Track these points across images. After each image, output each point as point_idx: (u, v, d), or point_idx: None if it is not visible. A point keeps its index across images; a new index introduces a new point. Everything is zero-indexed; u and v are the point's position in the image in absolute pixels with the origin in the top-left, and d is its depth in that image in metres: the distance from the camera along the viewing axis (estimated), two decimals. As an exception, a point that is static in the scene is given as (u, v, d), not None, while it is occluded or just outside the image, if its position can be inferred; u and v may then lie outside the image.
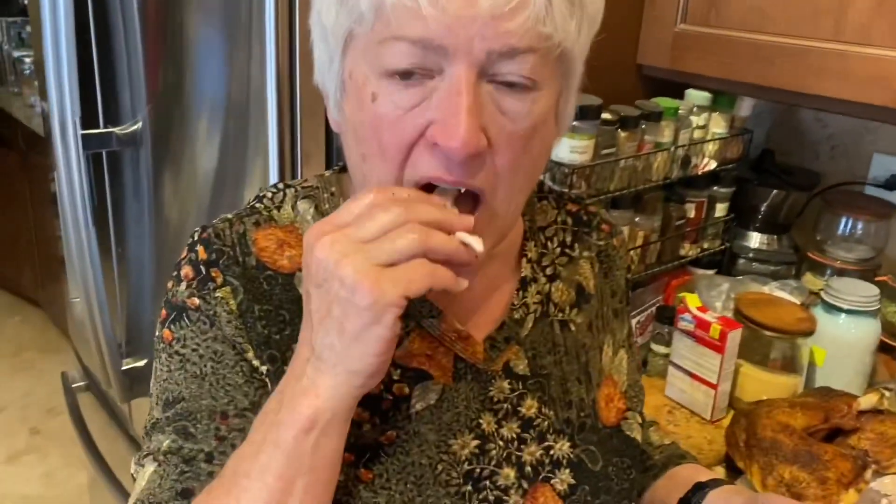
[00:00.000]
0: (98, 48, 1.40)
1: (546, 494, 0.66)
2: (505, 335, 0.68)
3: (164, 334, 0.62)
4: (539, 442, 0.67)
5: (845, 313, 1.22)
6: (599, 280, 0.77)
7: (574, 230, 0.76)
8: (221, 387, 0.60)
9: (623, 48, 1.34)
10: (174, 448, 0.60)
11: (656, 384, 1.27)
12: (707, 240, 1.42)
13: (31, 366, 3.29)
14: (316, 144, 1.03)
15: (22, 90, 3.10)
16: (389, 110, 0.53)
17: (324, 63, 0.60)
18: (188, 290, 0.61)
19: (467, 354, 0.65)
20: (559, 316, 0.72)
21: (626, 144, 1.17)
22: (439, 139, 0.52)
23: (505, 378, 0.67)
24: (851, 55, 1.09)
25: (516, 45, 0.51)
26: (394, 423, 0.62)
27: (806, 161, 1.54)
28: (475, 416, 0.65)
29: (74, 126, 1.27)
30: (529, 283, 0.71)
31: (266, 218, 0.65)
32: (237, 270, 0.61)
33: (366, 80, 0.54)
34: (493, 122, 0.53)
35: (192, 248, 0.63)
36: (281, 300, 0.62)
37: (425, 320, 0.64)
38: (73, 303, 1.80)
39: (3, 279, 3.80)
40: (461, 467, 0.63)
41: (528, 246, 0.72)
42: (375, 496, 0.60)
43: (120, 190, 1.47)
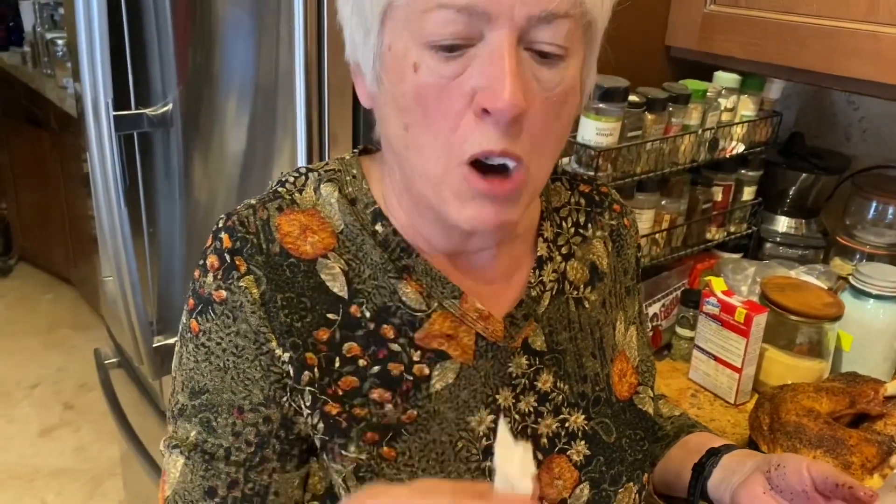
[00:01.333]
0: (130, 31, 1.42)
1: (562, 465, 0.68)
2: (523, 312, 0.69)
3: (192, 325, 0.63)
4: (555, 415, 0.69)
5: (874, 298, 1.21)
6: (612, 258, 0.78)
7: (587, 210, 0.78)
8: (241, 381, 0.62)
9: (652, 30, 1.33)
10: (199, 441, 0.63)
11: (680, 368, 1.27)
12: (734, 223, 1.41)
13: (64, 342, 3.37)
14: (343, 125, 1.03)
15: (55, 72, 3.14)
16: (433, 80, 0.55)
17: (357, 38, 0.60)
18: (215, 283, 0.62)
19: (488, 333, 0.67)
20: (574, 294, 0.73)
21: (653, 127, 1.16)
22: (487, 103, 0.53)
23: (523, 354, 0.69)
24: (884, 36, 1.08)
25: (554, 10, 0.53)
26: (414, 402, 0.64)
27: (836, 144, 1.52)
28: (491, 392, 0.67)
29: (107, 107, 1.30)
30: (546, 261, 0.72)
31: (289, 202, 0.65)
32: (260, 260, 0.62)
33: (406, 50, 0.55)
34: (529, 89, 0.55)
35: (217, 235, 0.64)
36: (303, 287, 0.63)
37: (447, 301, 0.65)
38: (105, 281, 1.83)
39: (36, 257, 3.88)
40: (479, 443, 0.65)
41: (544, 226, 0.73)
42: (399, 473, 0.62)
43: (151, 170, 1.49)
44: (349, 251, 0.65)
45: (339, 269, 0.64)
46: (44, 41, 3.22)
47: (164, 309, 1.57)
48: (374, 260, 0.65)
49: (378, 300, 0.64)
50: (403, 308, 0.64)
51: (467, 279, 0.67)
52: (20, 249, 3.92)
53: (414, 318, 0.64)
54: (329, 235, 0.65)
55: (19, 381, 3.08)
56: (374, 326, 0.64)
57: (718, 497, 0.76)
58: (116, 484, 2.50)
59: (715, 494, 0.77)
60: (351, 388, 0.62)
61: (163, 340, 1.52)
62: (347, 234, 0.65)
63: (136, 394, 1.78)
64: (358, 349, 0.63)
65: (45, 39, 3.20)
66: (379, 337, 0.64)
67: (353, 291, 0.64)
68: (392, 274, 0.65)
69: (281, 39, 1.04)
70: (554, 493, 0.67)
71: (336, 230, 0.65)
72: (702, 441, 0.83)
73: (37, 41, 3.30)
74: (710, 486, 0.77)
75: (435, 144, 0.57)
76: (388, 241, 0.65)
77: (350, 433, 0.62)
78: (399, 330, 0.64)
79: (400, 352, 0.64)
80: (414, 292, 0.65)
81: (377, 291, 0.64)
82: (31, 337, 3.40)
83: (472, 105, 0.54)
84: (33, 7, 3.39)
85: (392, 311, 0.64)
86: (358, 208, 0.66)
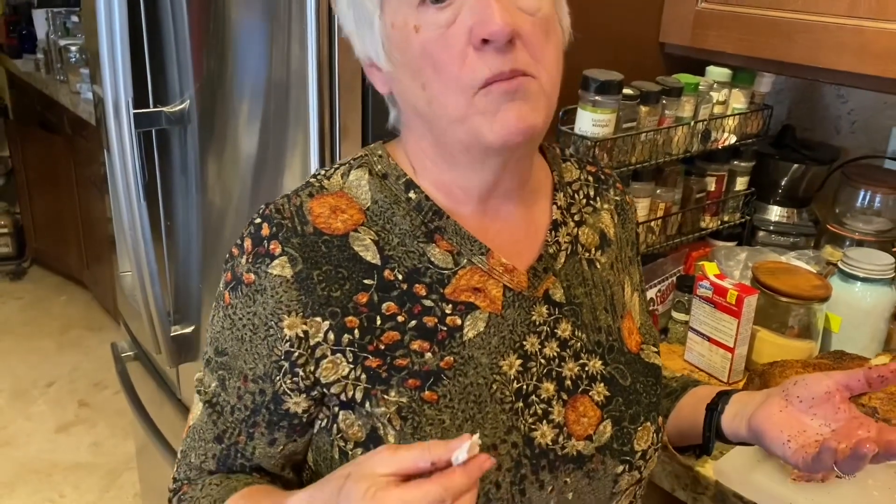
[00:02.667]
0: (148, 32, 1.48)
1: (585, 404, 0.75)
2: (544, 266, 0.77)
3: (225, 296, 0.73)
4: (575, 360, 0.76)
5: (861, 281, 1.26)
6: (618, 229, 0.86)
7: (595, 186, 0.87)
8: (251, 353, 0.71)
9: (646, 27, 1.39)
10: (215, 394, 0.75)
11: (677, 350, 1.33)
12: (728, 213, 1.47)
13: (78, 342, 3.44)
14: (353, 118, 1.10)
15: (67, 77, 3.22)
16: (433, 32, 0.64)
17: (365, 34, 0.69)
18: (246, 265, 0.70)
19: (513, 284, 0.75)
20: (586, 255, 0.81)
21: (647, 119, 1.22)
22: (483, 32, 0.62)
23: (544, 304, 0.76)
24: (866, 30, 1.13)
25: None
26: (450, 350, 0.71)
27: (826, 136, 1.58)
28: (519, 338, 0.74)
29: (127, 105, 1.36)
30: (560, 225, 0.80)
31: (318, 188, 0.74)
32: (296, 241, 0.70)
33: (406, 18, 0.65)
34: (515, 15, 0.64)
35: (255, 222, 0.72)
36: (339, 259, 0.71)
37: (476, 257, 0.73)
38: (122, 276, 1.90)
39: (50, 260, 3.95)
40: (511, 385, 0.73)
41: (557, 196, 0.81)
42: (440, 413, 0.69)
43: (168, 166, 1.55)
44: (377, 224, 0.73)
45: (370, 239, 0.72)
46: (57, 48, 3.30)
47: (181, 299, 1.63)
48: (404, 228, 0.73)
49: (408, 263, 0.72)
50: (433, 268, 0.72)
51: (491, 237, 0.75)
52: (34, 252, 4.00)
53: (442, 275, 0.72)
54: (357, 212, 0.73)
55: (35, 380, 3.15)
56: (408, 287, 0.71)
57: (734, 430, 0.82)
58: (132, 477, 2.56)
59: (729, 429, 0.82)
60: (393, 341, 0.70)
61: (180, 330, 1.58)
62: (375, 209, 0.73)
63: (153, 385, 1.84)
64: (395, 307, 0.71)
65: (59, 46, 3.28)
66: (412, 295, 0.71)
67: (385, 258, 0.72)
68: (421, 239, 0.73)
69: (292, 38, 1.11)
70: (580, 430, 0.74)
71: (363, 207, 0.73)
72: (711, 390, 0.90)
73: (50, 48, 3.37)
74: (723, 422, 0.83)
75: (451, 87, 0.65)
76: (421, 206, 0.73)
77: (391, 381, 0.69)
78: (430, 287, 0.72)
79: (433, 306, 0.71)
80: (442, 252, 0.73)
81: (407, 256, 0.72)
82: (46, 337, 3.47)
83: (471, 40, 0.63)
84: (46, 15, 3.47)
85: (422, 271, 0.72)
86: (390, 182, 0.74)
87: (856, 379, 0.73)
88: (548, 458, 0.72)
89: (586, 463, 0.74)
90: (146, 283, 1.49)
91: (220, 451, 0.75)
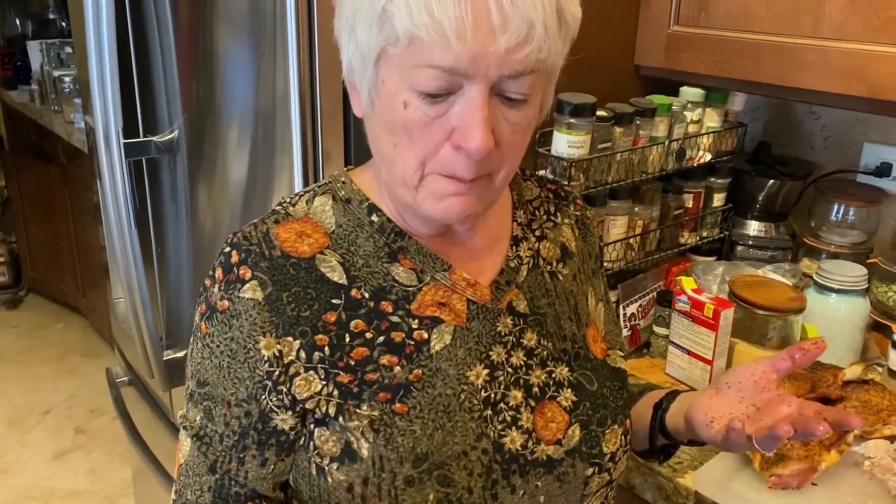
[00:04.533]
0: (137, 62, 1.52)
1: (553, 409, 0.78)
2: (506, 279, 0.80)
3: (202, 327, 0.75)
4: (542, 367, 0.80)
5: (835, 293, 1.30)
6: (579, 242, 0.90)
7: (555, 202, 0.90)
8: (231, 379, 0.73)
9: (622, 51, 1.43)
10: (202, 425, 0.75)
11: (659, 364, 1.36)
12: (706, 228, 1.50)
13: (75, 369, 3.45)
14: (336, 144, 1.13)
15: (62, 107, 3.26)
16: (419, 117, 0.66)
17: (355, 64, 0.70)
18: (219, 293, 0.73)
19: (477, 297, 0.78)
20: (548, 268, 0.85)
21: (622, 139, 1.26)
22: (462, 143, 0.65)
23: (509, 315, 0.79)
24: (830, 50, 1.18)
25: (522, 70, 0.64)
26: (418, 363, 0.74)
27: (801, 152, 1.62)
28: (485, 349, 0.77)
29: (118, 135, 1.39)
30: (521, 240, 0.84)
31: (283, 215, 0.77)
32: (264, 265, 0.73)
33: (398, 88, 0.65)
34: (499, 126, 0.66)
35: (224, 251, 0.75)
36: (307, 281, 0.74)
37: (439, 273, 0.77)
38: (116, 302, 1.93)
39: (46, 288, 3.98)
40: (479, 395, 0.76)
41: (517, 213, 0.85)
42: (411, 424, 0.72)
43: (159, 194, 1.59)
44: (342, 246, 0.76)
45: (336, 261, 0.75)
46: (51, 79, 3.35)
47: (172, 324, 1.65)
48: (368, 250, 0.76)
49: (374, 282, 0.75)
50: (398, 286, 0.76)
51: (453, 255, 0.78)
52: (30, 281, 4.03)
53: (407, 292, 0.76)
54: (322, 236, 0.76)
55: (32, 408, 3.16)
56: (374, 304, 0.74)
57: (675, 426, 0.85)
58: (129, 503, 2.57)
59: (672, 424, 0.86)
60: (363, 357, 0.73)
61: (172, 354, 1.60)
62: (339, 232, 0.76)
63: (147, 410, 1.86)
64: (363, 325, 0.74)
65: (53, 77, 3.33)
66: (379, 312, 0.74)
67: (352, 278, 0.75)
68: (385, 259, 0.76)
69: (277, 67, 1.15)
70: (549, 435, 0.77)
71: (328, 231, 0.76)
72: (662, 392, 0.93)
73: (44, 79, 3.42)
74: (667, 419, 0.87)
75: (416, 161, 0.68)
76: (384, 228, 0.77)
77: (362, 395, 0.72)
78: (396, 304, 0.75)
79: (399, 322, 0.75)
80: (406, 270, 0.76)
81: (372, 276, 0.75)
82: (42, 365, 3.48)
83: (451, 139, 0.66)
84: (41, 46, 3.53)
85: (387, 289, 0.75)
86: (353, 206, 0.78)
87: (780, 359, 0.78)
88: (518, 462, 0.75)
89: (556, 466, 0.77)
90: (138, 309, 1.52)
91: (215, 481, 0.76)
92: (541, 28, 0.62)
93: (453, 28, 0.60)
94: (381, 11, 0.63)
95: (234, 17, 1.24)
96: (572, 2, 0.67)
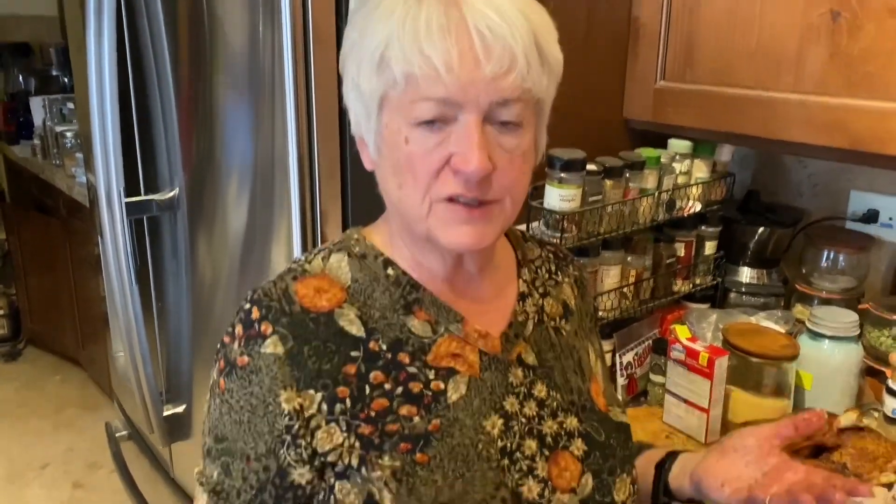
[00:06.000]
0: (138, 118, 1.56)
1: (567, 459, 0.81)
2: (515, 332, 0.84)
3: (220, 383, 0.77)
4: (553, 418, 0.82)
5: (828, 339, 1.31)
6: (578, 301, 0.94)
7: (556, 262, 0.94)
8: (251, 434, 0.74)
9: (610, 105, 1.47)
10: (220, 481, 0.75)
11: (656, 412, 1.37)
12: (699, 276, 1.52)
13: (73, 422, 3.43)
14: (334, 204, 1.16)
15: (63, 162, 3.30)
16: (420, 148, 0.71)
17: (361, 119, 0.76)
18: (239, 349, 0.75)
19: (488, 348, 0.81)
20: (552, 324, 0.88)
21: (613, 191, 1.29)
22: (461, 166, 0.70)
23: (519, 367, 0.82)
24: (811, 103, 1.21)
25: (508, 97, 0.70)
26: (436, 413, 0.76)
27: (790, 198, 1.65)
28: (499, 399, 0.80)
29: (119, 196, 1.43)
30: (527, 296, 0.87)
31: (301, 272, 0.80)
32: (285, 321, 0.75)
33: (399, 128, 0.71)
34: (495, 152, 0.71)
35: (244, 308, 0.77)
36: (326, 334, 0.76)
37: (452, 325, 0.80)
38: (116, 357, 1.94)
39: (44, 340, 3.97)
40: (496, 444, 0.78)
41: (522, 271, 0.89)
42: (433, 474, 0.74)
43: (159, 250, 1.61)
44: (359, 300, 0.79)
45: (354, 315, 0.78)
46: (53, 134, 3.40)
47: (172, 379, 1.66)
48: (384, 303, 0.79)
49: (391, 335, 0.78)
50: (413, 337, 0.78)
51: (464, 306, 0.81)
52: (29, 333, 4.02)
53: (423, 343, 0.78)
54: (340, 291, 0.79)
55: (30, 462, 3.13)
56: (392, 356, 0.77)
57: (678, 486, 0.88)
58: (126, 559, 2.53)
59: (675, 485, 0.89)
60: (383, 408, 0.75)
61: (172, 409, 1.61)
62: (356, 287, 0.79)
63: (147, 465, 1.85)
64: (382, 376, 0.76)
65: (55, 132, 3.38)
66: (397, 363, 0.77)
67: (369, 331, 0.77)
68: (401, 311, 0.79)
69: (276, 125, 1.18)
70: (563, 483, 0.79)
71: (345, 286, 0.79)
72: (661, 452, 0.95)
73: (46, 134, 3.47)
74: (670, 479, 0.89)
75: (420, 193, 0.72)
76: (399, 281, 0.80)
77: (384, 446, 0.74)
78: (413, 355, 0.77)
79: (417, 373, 0.77)
80: (421, 322, 0.79)
81: (389, 328, 0.78)
82: (40, 418, 3.46)
83: (450, 164, 0.70)
84: (43, 102, 3.59)
85: (404, 341, 0.78)
86: (368, 261, 0.81)
87: (784, 426, 0.81)
88: None
89: None
90: (138, 364, 1.53)
91: None
92: (522, 58, 0.69)
93: (442, 61, 0.67)
94: (380, 58, 0.70)
95: (234, 75, 1.28)
96: (551, 41, 0.73)
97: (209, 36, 1.30)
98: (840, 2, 1.16)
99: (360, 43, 0.72)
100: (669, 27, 1.41)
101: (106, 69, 1.39)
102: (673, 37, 1.40)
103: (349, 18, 0.77)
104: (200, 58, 1.33)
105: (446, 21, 0.67)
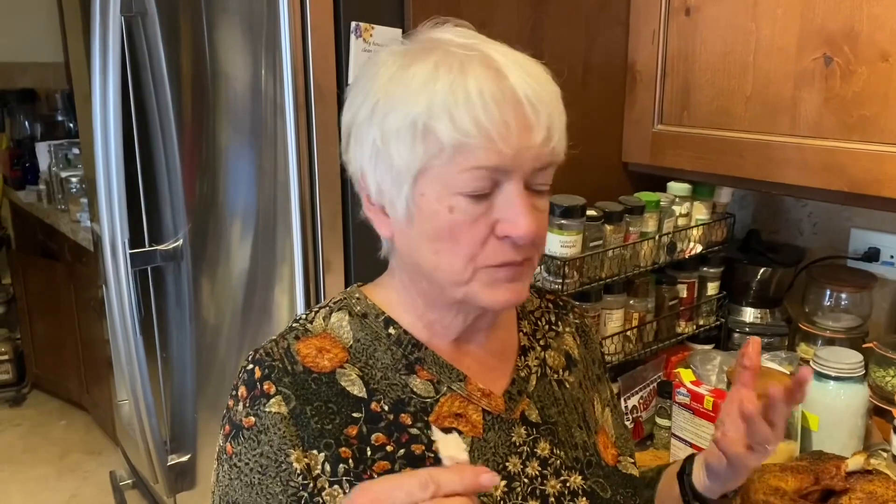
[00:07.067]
0: (142, 164, 1.58)
1: None
2: (517, 389, 0.83)
3: (227, 448, 0.76)
4: (556, 477, 0.81)
5: (833, 380, 1.30)
6: (581, 350, 0.93)
7: (556, 312, 0.94)
8: (264, 495, 0.73)
9: (609, 149, 1.49)
10: None
11: (662, 456, 1.36)
12: (702, 317, 1.52)
13: (78, 468, 3.41)
14: (336, 254, 1.17)
15: (68, 207, 3.33)
16: (467, 217, 0.71)
17: (386, 187, 0.74)
18: (244, 410, 0.74)
19: (492, 407, 0.80)
20: (555, 376, 0.88)
21: (613, 236, 1.29)
22: (512, 232, 0.70)
23: (522, 425, 0.82)
24: (807, 147, 1.23)
25: (549, 161, 0.72)
26: None
27: (791, 237, 1.65)
28: (502, 460, 0.79)
29: (124, 247, 1.44)
30: (528, 350, 0.87)
31: (302, 331, 0.80)
32: (287, 380, 0.75)
33: (440, 196, 0.71)
34: (536, 218, 0.73)
35: (246, 368, 0.77)
36: (328, 395, 0.76)
37: (455, 384, 0.79)
38: (120, 405, 1.94)
39: (49, 384, 3.96)
40: None
41: (522, 324, 0.89)
42: None
43: (163, 299, 1.62)
44: (360, 360, 0.78)
45: (356, 375, 0.77)
46: (58, 179, 3.42)
47: (177, 428, 1.66)
48: (385, 362, 0.78)
49: (393, 395, 0.77)
50: (416, 397, 0.78)
51: (466, 364, 0.81)
52: (34, 378, 4.02)
53: (425, 403, 0.78)
54: (341, 350, 0.79)
55: (33, 510, 3.11)
56: (394, 417, 0.76)
57: (701, 483, 0.89)
58: None
59: (698, 482, 0.89)
60: (384, 470, 0.74)
61: (176, 459, 1.60)
62: (357, 347, 0.79)
63: (150, 514, 1.84)
64: (384, 438, 0.75)
65: (60, 178, 3.40)
66: (399, 424, 0.76)
67: (371, 391, 0.77)
68: (402, 371, 0.78)
69: (278, 176, 1.19)
70: None
71: (346, 346, 0.79)
72: (678, 463, 0.95)
73: (52, 179, 3.50)
74: (694, 481, 0.90)
75: (463, 260, 0.72)
76: (400, 340, 0.80)
77: None
78: (415, 416, 0.77)
79: (419, 434, 0.76)
80: (423, 381, 0.78)
81: (391, 388, 0.78)
82: (45, 464, 3.44)
83: (495, 232, 0.71)
84: (49, 148, 3.63)
85: (406, 401, 0.77)
86: (369, 320, 0.81)
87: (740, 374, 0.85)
88: None
89: None
90: (143, 414, 1.53)
91: None
92: (558, 123, 0.71)
93: (499, 131, 0.68)
94: (423, 129, 0.69)
95: (236, 127, 1.29)
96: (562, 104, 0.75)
97: (212, 87, 1.32)
98: (832, 47, 1.18)
99: (388, 111, 0.71)
100: (665, 72, 1.43)
101: (111, 117, 1.41)
102: (669, 81, 1.42)
103: (354, 85, 0.77)
104: (203, 108, 1.36)
105: (499, 91, 0.68)
